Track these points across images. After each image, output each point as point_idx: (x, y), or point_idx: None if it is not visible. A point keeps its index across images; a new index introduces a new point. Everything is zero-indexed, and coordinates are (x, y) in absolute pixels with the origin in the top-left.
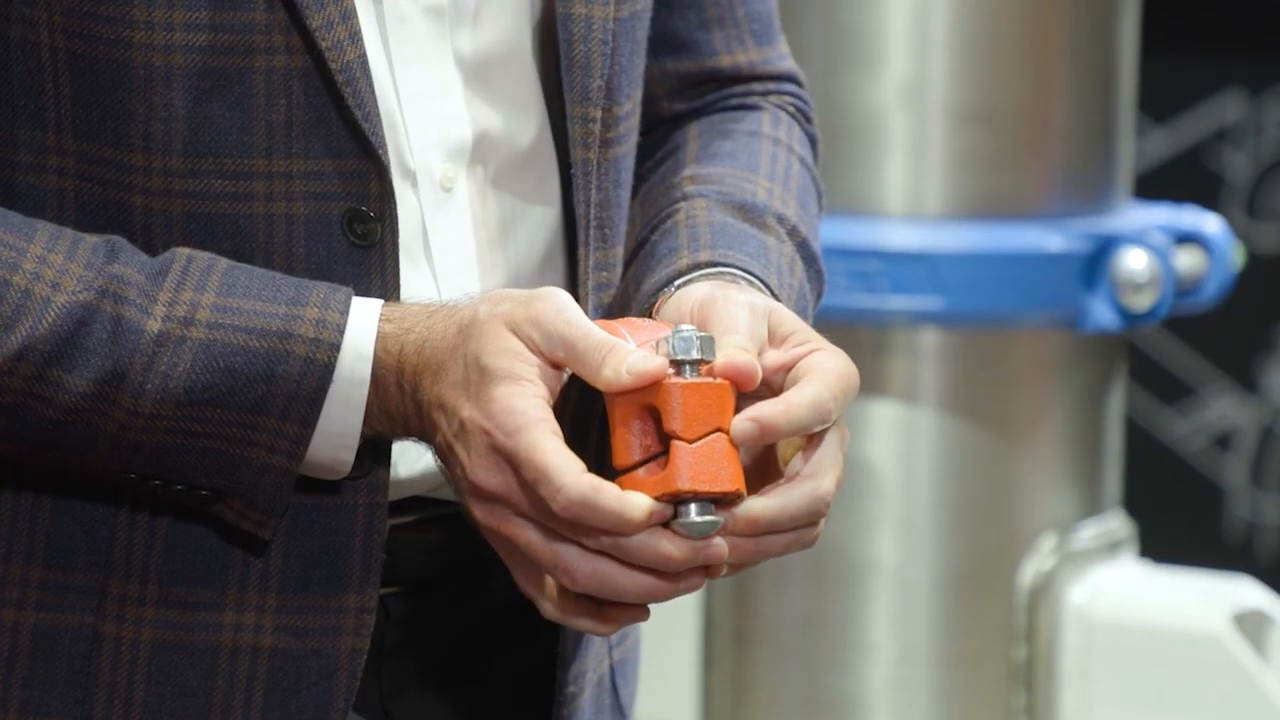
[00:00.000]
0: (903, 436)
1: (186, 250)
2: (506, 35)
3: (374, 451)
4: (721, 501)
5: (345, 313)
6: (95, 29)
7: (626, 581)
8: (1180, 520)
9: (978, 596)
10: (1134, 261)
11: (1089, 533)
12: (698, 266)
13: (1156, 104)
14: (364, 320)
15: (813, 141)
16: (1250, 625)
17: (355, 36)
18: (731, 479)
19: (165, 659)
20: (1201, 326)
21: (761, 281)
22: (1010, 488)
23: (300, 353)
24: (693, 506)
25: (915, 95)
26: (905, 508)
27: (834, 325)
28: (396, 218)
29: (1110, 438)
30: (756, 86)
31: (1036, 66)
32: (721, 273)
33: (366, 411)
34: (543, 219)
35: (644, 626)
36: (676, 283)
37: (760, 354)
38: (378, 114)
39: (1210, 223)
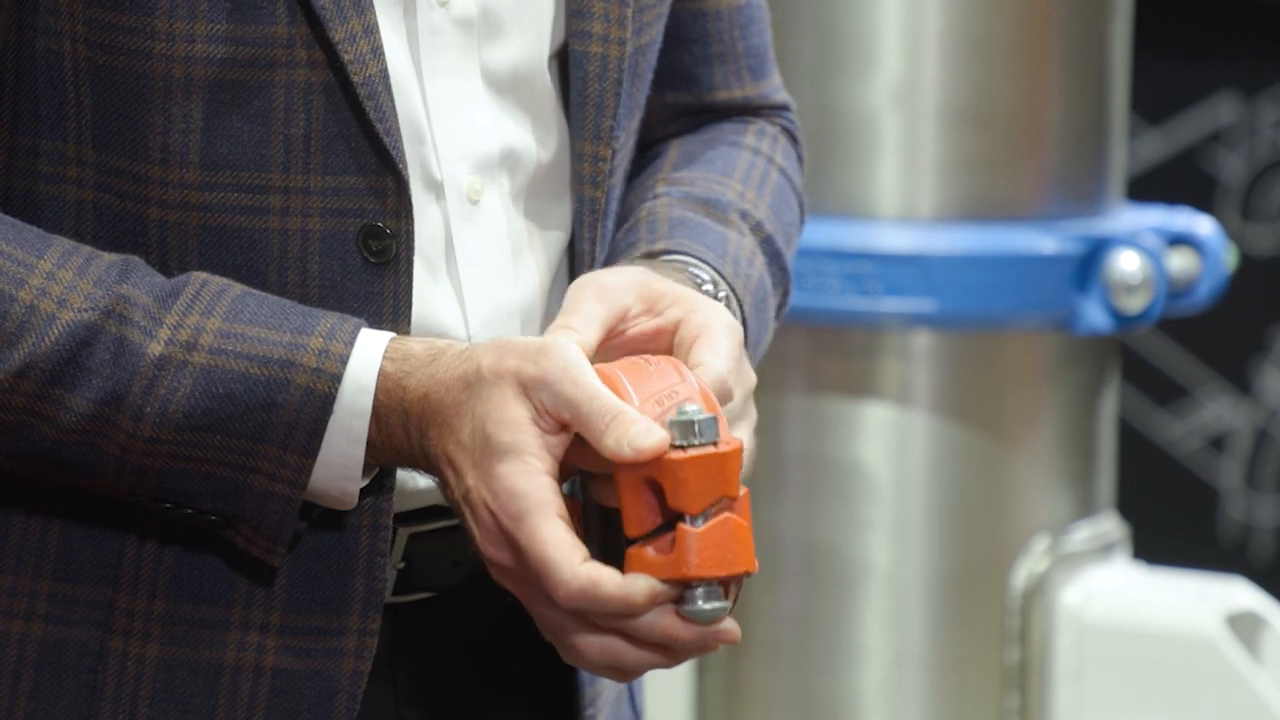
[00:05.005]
0: (895, 438)
1: (203, 275)
2: (532, 53)
3: (378, 480)
4: (730, 579)
5: (350, 344)
6: (117, 39)
7: (635, 658)
8: (1175, 522)
9: (971, 598)
10: (1126, 263)
11: (1082, 535)
12: (652, 255)
13: (1151, 106)
14: (368, 353)
15: (799, 161)
16: (1243, 627)
17: (378, 51)
18: (741, 560)
19: (170, 675)
20: (1196, 328)
21: (714, 269)
22: (1003, 490)
23: (301, 382)
24: (699, 592)
25: (907, 97)
26: (898, 510)
27: (827, 327)
28: (413, 234)
29: (1103, 439)
30: (750, 116)
31: (1029, 68)
32: (671, 261)
33: (369, 445)
34: (556, 240)
35: None
36: None
37: (621, 323)
38: (398, 129)
39: (1203, 224)
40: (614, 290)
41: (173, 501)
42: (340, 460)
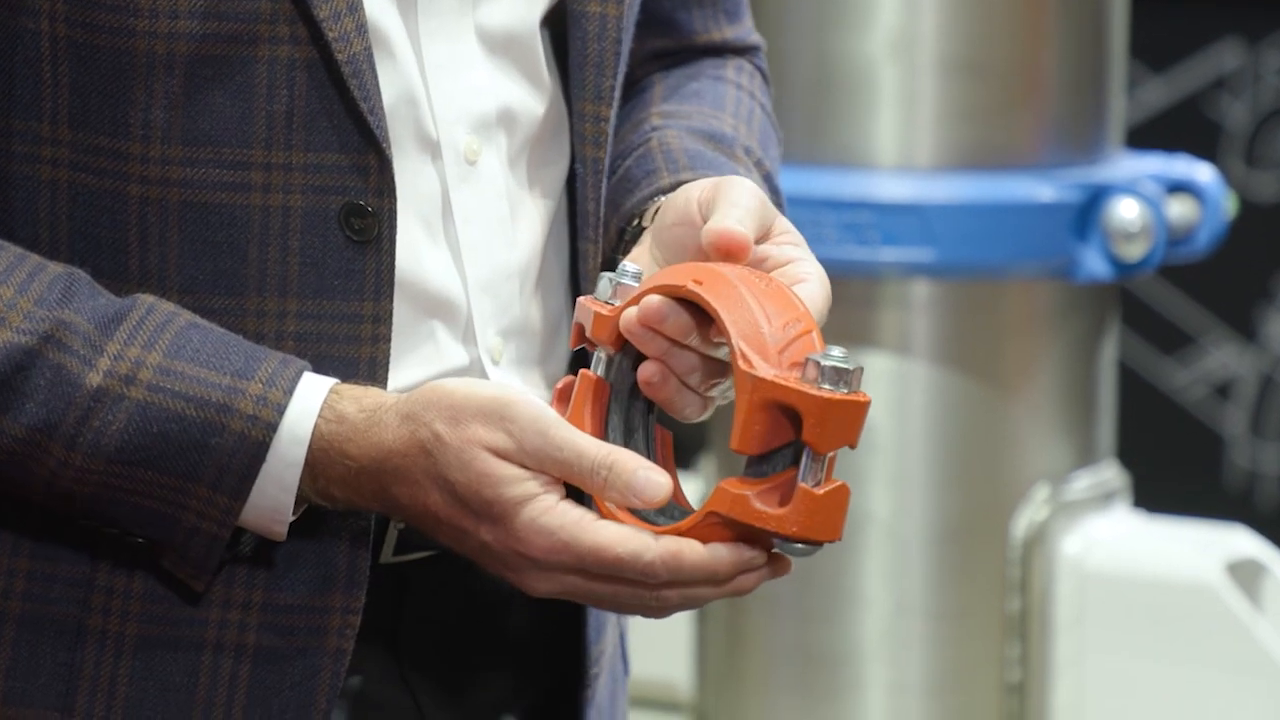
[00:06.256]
0: (895, 388)
1: (149, 299)
2: (526, 13)
3: None
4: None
5: (289, 393)
6: (98, 17)
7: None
8: (1181, 470)
9: (971, 548)
10: (1126, 211)
11: (1082, 483)
12: (680, 185)
13: (1154, 53)
14: (307, 404)
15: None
16: (1244, 574)
17: (362, 29)
18: (837, 528)
19: (148, 654)
20: (1201, 276)
21: None
22: (1003, 439)
23: (236, 428)
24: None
25: (906, 47)
26: (898, 460)
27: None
28: (396, 214)
29: (1103, 388)
30: (727, 55)
31: (1027, 17)
32: None
33: (301, 493)
34: (552, 201)
35: None
36: (661, 199)
37: (756, 242)
38: (382, 108)
39: (1202, 171)
40: (767, 206)
41: (100, 522)
42: (270, 504)
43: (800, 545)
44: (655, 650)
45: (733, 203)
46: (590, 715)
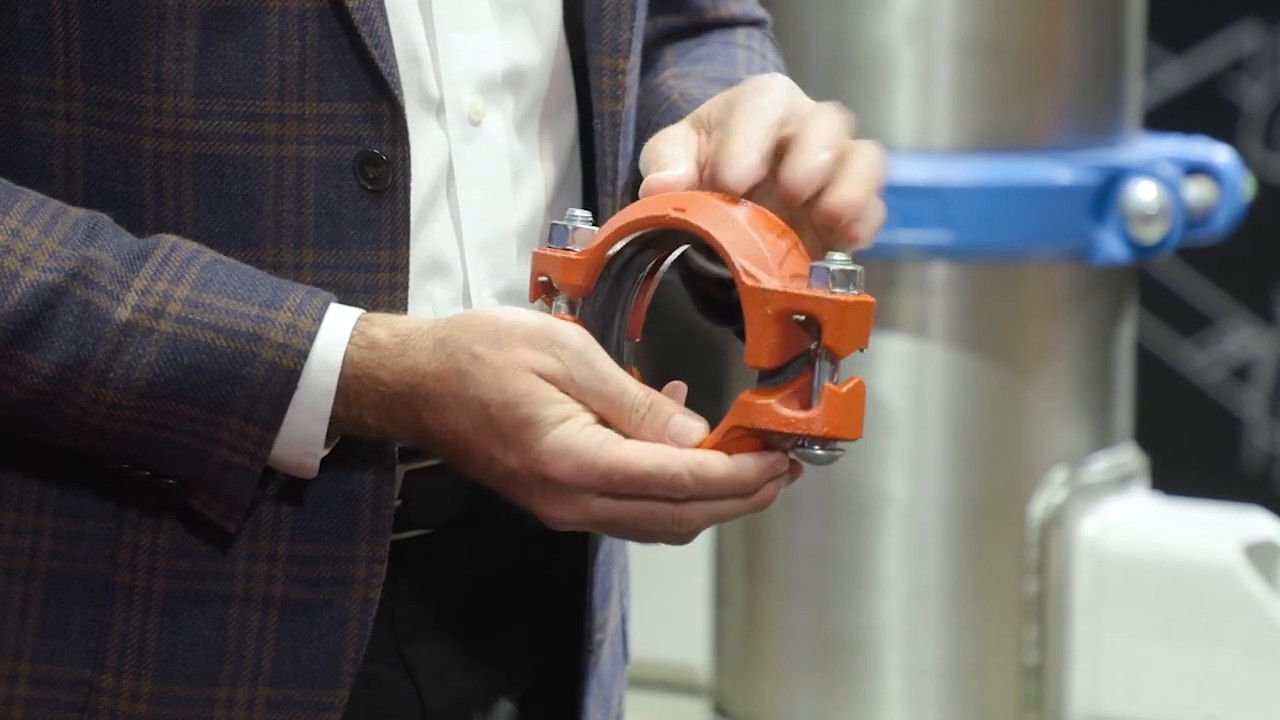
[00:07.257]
0: (913, 371)
1: (172, 238)
2: None
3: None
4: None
5: (318, 320)
6: None
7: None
8: (1199, 452)
9: (989, 530)
10: (1143, 193)
11: (1100, 466)
12: None
13: (1172, 34)
14: (336, 331)
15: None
16: (1262, 556)
17: None
18: (859, 424)
19: (177, 609)
20: (1220, 258)
21: None
22: (1021, 421)
23: (266, 356)
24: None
25: (923, 28)
26: (916, 442)
27: None
28: (410, 161)
29: (1121, 370)
30: (736, 28)
31: None
32: None
33: (335, 421)
34: (561, 160)
35: (657, 562)
36: None
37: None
38: (394, 55)
39: (1220, 153)
40: (795, 101)
41: (130, 464)
42: (302, 435)
43: (821, 451)
44: (673, 633)
45: (750, 113)
46: (591, 686)
